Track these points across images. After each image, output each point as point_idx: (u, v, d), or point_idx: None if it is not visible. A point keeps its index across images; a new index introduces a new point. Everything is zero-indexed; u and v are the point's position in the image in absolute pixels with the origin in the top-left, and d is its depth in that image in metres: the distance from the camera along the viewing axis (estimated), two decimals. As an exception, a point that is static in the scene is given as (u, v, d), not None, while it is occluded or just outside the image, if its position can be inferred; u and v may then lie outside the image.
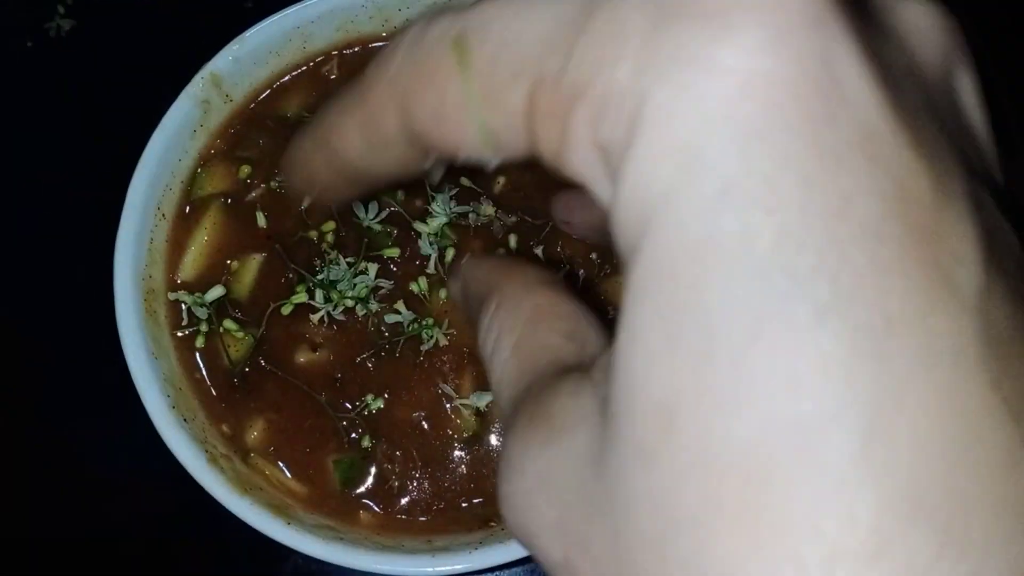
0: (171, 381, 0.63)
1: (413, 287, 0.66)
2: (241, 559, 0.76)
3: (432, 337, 0.66)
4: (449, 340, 0.66)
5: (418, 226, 0.67)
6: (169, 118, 0.67)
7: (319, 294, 0.65)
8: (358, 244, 0.67)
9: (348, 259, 0.66)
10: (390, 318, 0.66)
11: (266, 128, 0.71)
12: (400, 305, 0.66)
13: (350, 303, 0.66)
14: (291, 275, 0.67)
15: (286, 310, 0.66)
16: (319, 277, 0.66)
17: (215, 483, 0.60)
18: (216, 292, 0.66)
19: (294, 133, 0.34)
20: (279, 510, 0.60)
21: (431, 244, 0.67)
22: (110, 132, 0.87)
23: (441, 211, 0.67)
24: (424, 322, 0.66)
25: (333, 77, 0.73)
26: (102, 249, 0.70)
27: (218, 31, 0.90)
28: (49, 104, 0.88)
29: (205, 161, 0.70)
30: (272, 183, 0.69)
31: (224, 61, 0.69)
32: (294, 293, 0.66)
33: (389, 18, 0.72)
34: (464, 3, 0.24)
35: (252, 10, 0.92)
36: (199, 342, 0.66)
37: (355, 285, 0.66)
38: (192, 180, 0.70)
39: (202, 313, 0.66)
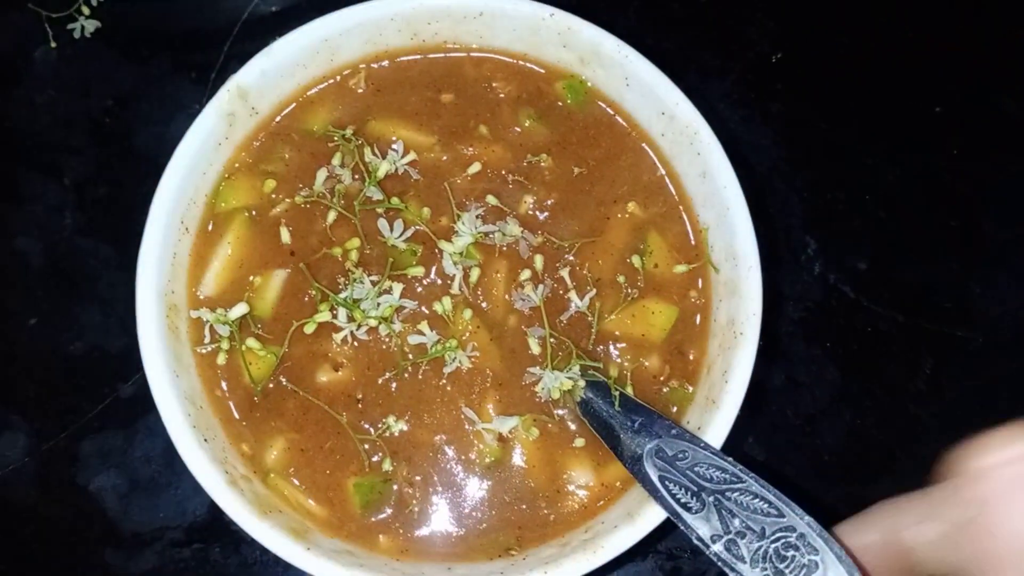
0: (192, 399, 0.62)
1: (437, 307, 0.66)
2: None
3: (455, 359, 0.65)
4: (473, 363, 0.65)
5: (443, 245, 0.66)
6: (194, 131, 0.66)
7: (342, 313, 0.64)
8: (382, 262, 0.66)
9: (372, 277, 0.66)
10: (413, 339, 0.65)
11: (291, 142, 0.70)
12: (424, 326, 0.65)
13: (373, 322, 0.65)
14: (314, 293, 0.66)
15: (309, 328, 0.65)
16: (343, 295, 0.65)
17: (234, 505, 0.59)
18: (240, 310, 0.65)
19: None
20: (298, 534, 0.60)
21: (455, 264, 0.66)
22: (134, 137, 0.87)
23: (467, 230, 0.66)
24: (447, 343, 0.65)
25: (360, 91, 0.72)
26: (125, 261, 0.69)
27: (243, 35, 0.90)
28: (72, 107, 0.88)
29: (229, 174, 0.69)
30: (297, 198, 0.69)
31: (251, 73, 0.68)
32: (317, 311, 0.65)
33: (418, 32, 0.71)
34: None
35: (277, 15, 0.91)
36: (220, 359, 0.65)
37: (379, 305, 0.65)
38: (216, 193, 0.69)
39: (224, 330, 0.65)
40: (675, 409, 0.66)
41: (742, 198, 0.65)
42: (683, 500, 0.55)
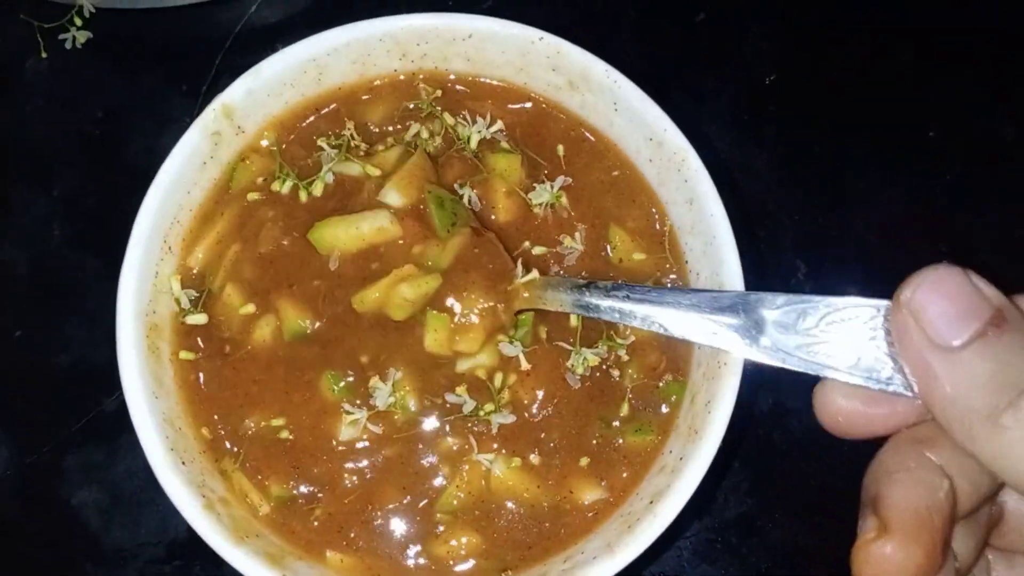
0: (171, 421, 0.62)
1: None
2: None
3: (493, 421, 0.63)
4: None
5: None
6: (178, 150, 0.65)
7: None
8: None
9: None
10: (451, 397, 0.63)
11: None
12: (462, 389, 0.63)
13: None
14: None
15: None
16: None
17: (210, 530, 0.58)
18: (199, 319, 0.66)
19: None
20: (275, 560, 0.59)
21: (512, 342, 0.64)
22: (123, 149, 0.87)
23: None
24: (485, 407, 0.63)
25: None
26: (112, 273, 0.69)
27: (235, 49, 0.89)
28: (62, 118, 0.88)
29: (245, 157, 0.70)
30: (391, 152, 0.69)
31: (237, 92, 0.67)
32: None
33: (407, 52, 0.71)
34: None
35: (269, 28, 0.91)
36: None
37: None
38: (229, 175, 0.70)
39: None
40: (673, 398, 0.65)
41: (729, 227, 0.64)
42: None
